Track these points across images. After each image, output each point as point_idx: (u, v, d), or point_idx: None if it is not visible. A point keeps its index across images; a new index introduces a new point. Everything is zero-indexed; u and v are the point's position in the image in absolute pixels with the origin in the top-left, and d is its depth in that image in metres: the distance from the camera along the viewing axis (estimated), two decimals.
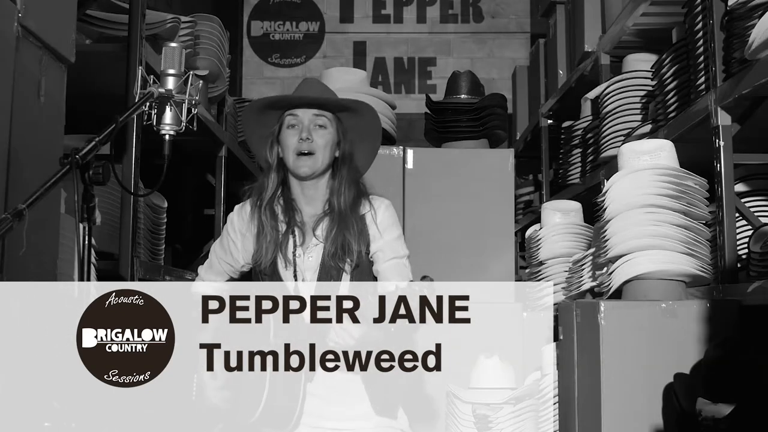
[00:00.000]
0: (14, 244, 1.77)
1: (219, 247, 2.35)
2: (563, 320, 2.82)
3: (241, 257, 2.30)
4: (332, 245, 2.20)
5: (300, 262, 2.22)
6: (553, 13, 5.12)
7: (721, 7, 2.62)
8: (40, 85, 1.98)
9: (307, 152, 2.20)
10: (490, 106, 3.97)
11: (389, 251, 2.26)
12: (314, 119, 2.21)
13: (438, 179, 3.64)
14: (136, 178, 2.85)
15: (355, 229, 2.22)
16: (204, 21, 3.83)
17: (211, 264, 2.36)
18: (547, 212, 3.70)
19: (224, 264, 2.33)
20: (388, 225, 2.28)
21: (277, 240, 2.22)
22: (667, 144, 2.67)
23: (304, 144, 2.19)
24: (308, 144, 2.19)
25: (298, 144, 2.19)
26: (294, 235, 2.23)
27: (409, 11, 8.01)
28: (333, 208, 2.24)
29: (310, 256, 2.23)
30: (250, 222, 2.27)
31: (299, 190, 2.27)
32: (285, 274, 2.21)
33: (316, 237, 2.23)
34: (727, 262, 2.60)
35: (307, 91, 2.25)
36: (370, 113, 2.31)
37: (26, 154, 1.88)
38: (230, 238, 2.30)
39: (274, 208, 2.25)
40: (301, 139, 2.19)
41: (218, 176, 4.23)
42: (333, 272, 2.20)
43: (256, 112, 2.30)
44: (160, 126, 1.94)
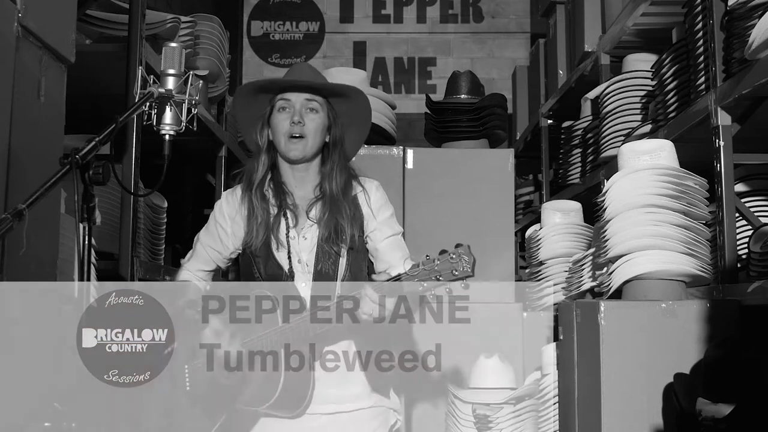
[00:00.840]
0: (14, 244, 1.77)
1: (205, 235, 2.34)
2: (563, 320, 2.82)
3: (231, 243, 2.29)
4: (326, 229, 2.21)
5: (294, 244, 2.23)
6: (553, 13, 5.12)
7: (721, 7, 2.62)
8: (40, 85, 1.98)
9: (298, 135, 2.21)
10: (490, 106, 3.97)
11: (387, 229, 2.30)
12: (306, 103, 2.23)
13: (438, 179, 3.63)
14: (136, 178, 2.85)
15: (347, 212, 2.24)
16: (204, 21, 3.83)
17: (196, 254, 2.35)
18: (547, 212, 3.70)
19: (211, 251, 2.32)
20: (381, 205, 2.31)
21: (267, 222, 2.23)
22: (667, 144, 2.67)
23: (295, 127, 2.20)
24: (300, 127, 2.21)
25: (289, 127, 2.21)
26: (286, 217, 2.24)
27: (409, 11, 8.00)
28: (325, 192, 2.26)
29: (305, 237, 2.24)
30: (240, 206, 2.27)
31: (290, 174, 2.28)
32: (279, 255, 2.22)
33: (310, 219, 2.25)
34: (727, 262, 2.60)
35: (298, 75, 2.26)
36: (361, 98, 2.32)
37: (26, 154, 1.88)
38: (218, 224, 2.30)
39: (264, 191, 2.26)
40: (292, 122, 2.20)
41: (218, 176, 4.23)
42: (331, 252, 2.22)
43: (246, 95, 2.31)
44: (160, 126, 1.94)
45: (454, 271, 1.90)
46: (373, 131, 3.74)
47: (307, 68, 2.33)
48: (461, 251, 1.89)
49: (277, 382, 2.09)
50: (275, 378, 2.10)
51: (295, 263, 2.21)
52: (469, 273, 1.89)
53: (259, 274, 2.23)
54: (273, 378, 2.10)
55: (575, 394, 2.64)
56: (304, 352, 2.15)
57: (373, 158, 3.58)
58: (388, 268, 2.28)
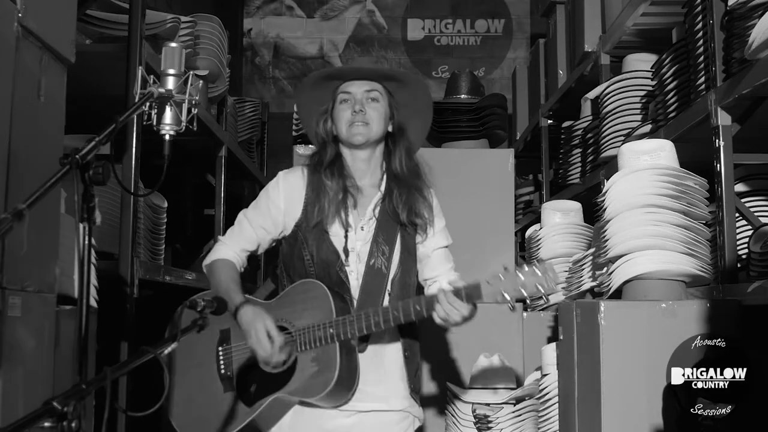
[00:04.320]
0: (14, 244, 1.77)
1: (254, 212, 2.30)
2: (563, 320, 2.82)
3: (282, 221, 2.27)
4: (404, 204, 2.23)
5: (351, 233, 2.22)
6: (553, 13, 5.12)
7: (721, 7, 2.62)
8: (40, 85, 1.98)
9: (360, 122, 2.23)
10: (490, 106, 3.97)
11: (442, 238, 2.32)
12: (366, 94, 2.25)
13: (438, 179, 3.61)
14: (136, 178, 2.85)
15: (425, 196, 2.27)
16: (204, 21, 3.83)
17: (241, 229, 2.30)
18: (547, 212, 3.71)
19: (260, 230, 2.28)
20: (439, 211, 2.34)
21: (337, 199, 2.22)
22: (667, 144, 2.67)
23: (357, 116, 2.23)
24: (362, 116, 2.23)
25: (351, 116, 2.23)
26: (346, 204, 2.23)
27: (409, 11, 8.01)
28: (395, 172, 2.27)
29: (362, 228, 2.24)
30: (303, 184, 2.26)
31: (352, 162, 2.30)
32: (334, 240, 2.21)
33: (371, 212, 2.25)
34: (727, 262, 2.60)
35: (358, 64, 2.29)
36: (420, 86, 2.36)
37: (26, 154, 1.88)
38: (271, 200, 2.27)
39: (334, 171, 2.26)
40: (354, 111, 2.23)
41: (218, 176, 4.24)
42: (384, 248, 2.22)
43: (309, 88, 2.33)
44: (160, 126, 1.93)
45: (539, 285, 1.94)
46: None
47: (366, 63, 2.36)
48: (546, 267, 1.94)
49: (332, 375, 2.07)
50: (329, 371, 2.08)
51: (350, 251, 2.21)
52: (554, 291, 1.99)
53: (310, 256, 2.21)
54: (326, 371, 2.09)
55: (575, 394, 2.64)
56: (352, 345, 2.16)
57: None
58: (436, 276, 2.30)
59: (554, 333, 3.43)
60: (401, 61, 7.85)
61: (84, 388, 1.31)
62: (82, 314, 1.53)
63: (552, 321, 3.53)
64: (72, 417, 1.25)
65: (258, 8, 8.01)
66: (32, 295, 1.90)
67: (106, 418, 1.51)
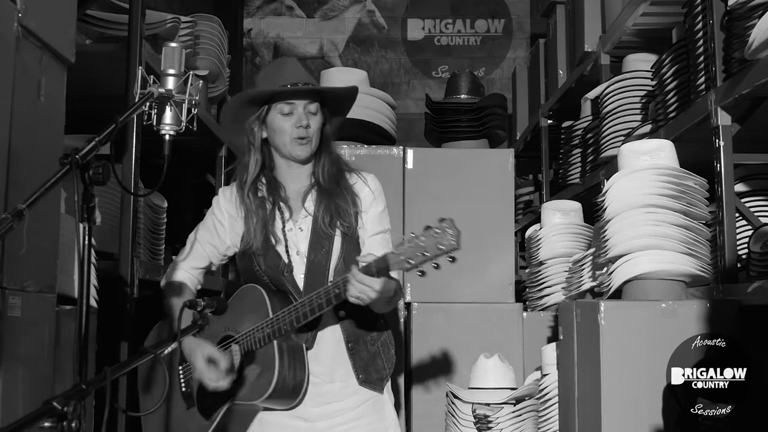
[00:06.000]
0: (14, 244, 1.77)
1: (203, 231, 2.36)
2: (563, 320, 2.82)
3: (228, 238, 2.32)
4: (326, 212, 2.24)
5: (291, 236, 2.26)
6: (553, 13, 5.12)
7: (721, 7, 2.62)
8: (40, 85, 1.98)
9: (305, 137, 2.24)
10: (490, 106, 3.97)
11: (377, 224, 2.31)
12: (308, 106, 2.26)
13: (438, 179, 3.63)
14: (136, 178, 2.85)
15: (345, 196, 2.27)
16: (204, 21, 3.83)
17: (192, 250, 2.36)
18: (547, 212, 3.71)
19: (208, 247, 2.35)
20: (377, 195, 2.33)
21: (265, 219, 2.26)
22: (667, 144, 2.67)
23: (302, 131, 2.24)
24: (306, 130, 2.24)
25: (296, 130, 2.24)
26: (281, 211, 2.27)
27: (409, 11, 8.00)
28: (319, 181, 2.29)
29: (300, 228, 2.27)
30: (239, 204, 2.30)
31: (286, 170, 2.32)
32: (278, 248, 2.25)
33: (305, 209, 2.28)
34: (727, 262, 2.60)
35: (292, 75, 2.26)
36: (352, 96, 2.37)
37: (26, 154, 1.88)
38: (216, 219, 2.33)
39: (258, 188, 2.29)
40: (300, 126, 2.23)
41: (218, 176, 4.23)
42: (324, 242, 2.24)
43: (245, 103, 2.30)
44: (160, 126, 1.93)
45: (440, 245, 1.83)
46: (373, 131, 3.75)
47: (298, 67, 2.33)
48: (445, 225, 1.83)
49: (272, 374, 2.10)
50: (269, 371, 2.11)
51: (293, 255, 2.24)
52: (455, 246, 1.83)
53: (259, 268, 2.25)
54: (267, 371, 2.11)
55: (575, 394, 2.64)
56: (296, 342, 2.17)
57: (373, 158, 3.58)
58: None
59: (554, 333, 3.43)
60: (401, 61, 7.86)
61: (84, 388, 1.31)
62: (82, 314, 1.53)
63: (552, 321, 3.53)
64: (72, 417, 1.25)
65: (258, 8, 8.00)
66: (32, 295, 1.90)
67: (106, 418, 1.52)
